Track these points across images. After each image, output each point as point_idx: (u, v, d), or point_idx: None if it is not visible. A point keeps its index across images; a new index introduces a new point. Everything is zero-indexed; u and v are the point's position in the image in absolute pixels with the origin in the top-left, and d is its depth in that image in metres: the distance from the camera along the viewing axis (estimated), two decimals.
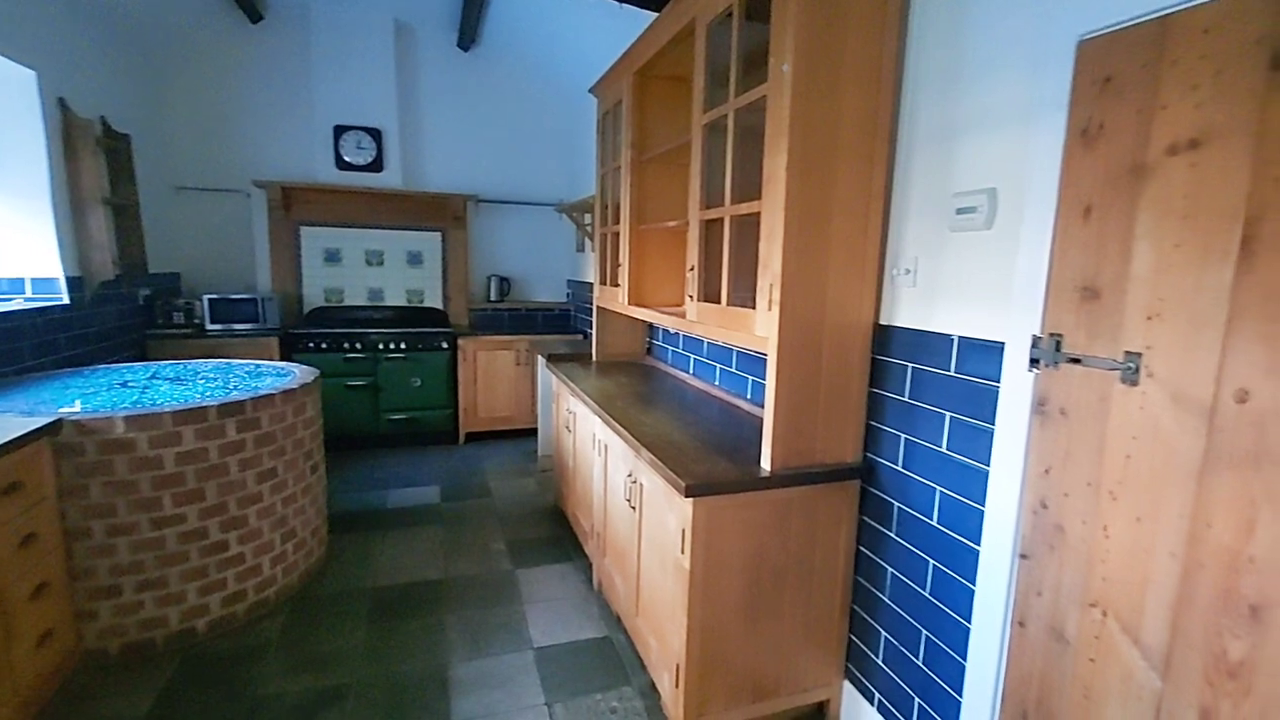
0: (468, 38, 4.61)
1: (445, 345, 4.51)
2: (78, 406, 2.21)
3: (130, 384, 2.66)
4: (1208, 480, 1.02)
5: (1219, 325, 1.00)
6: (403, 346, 4.43)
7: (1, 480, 1.75)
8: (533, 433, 4.58)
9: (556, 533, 3.22)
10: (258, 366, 3.08)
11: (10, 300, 3.02)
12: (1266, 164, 0.94)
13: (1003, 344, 1.37)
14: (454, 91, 4.87)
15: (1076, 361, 1.21)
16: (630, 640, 2.28)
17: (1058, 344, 1.25)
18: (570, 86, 4.73)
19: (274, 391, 2.47)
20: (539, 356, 3.94)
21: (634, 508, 2.09)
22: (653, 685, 2.06)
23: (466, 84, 4.89)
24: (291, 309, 4.62)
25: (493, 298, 5.07)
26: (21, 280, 3.10)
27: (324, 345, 4.29)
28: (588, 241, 4.68)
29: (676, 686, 1.76)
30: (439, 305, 4.99)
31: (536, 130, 5.08)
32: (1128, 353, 1.13)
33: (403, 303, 4.92)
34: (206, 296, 4.13)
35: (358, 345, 4.36)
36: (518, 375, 4.65)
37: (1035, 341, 1.29)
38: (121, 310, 3.74)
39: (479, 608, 2.54)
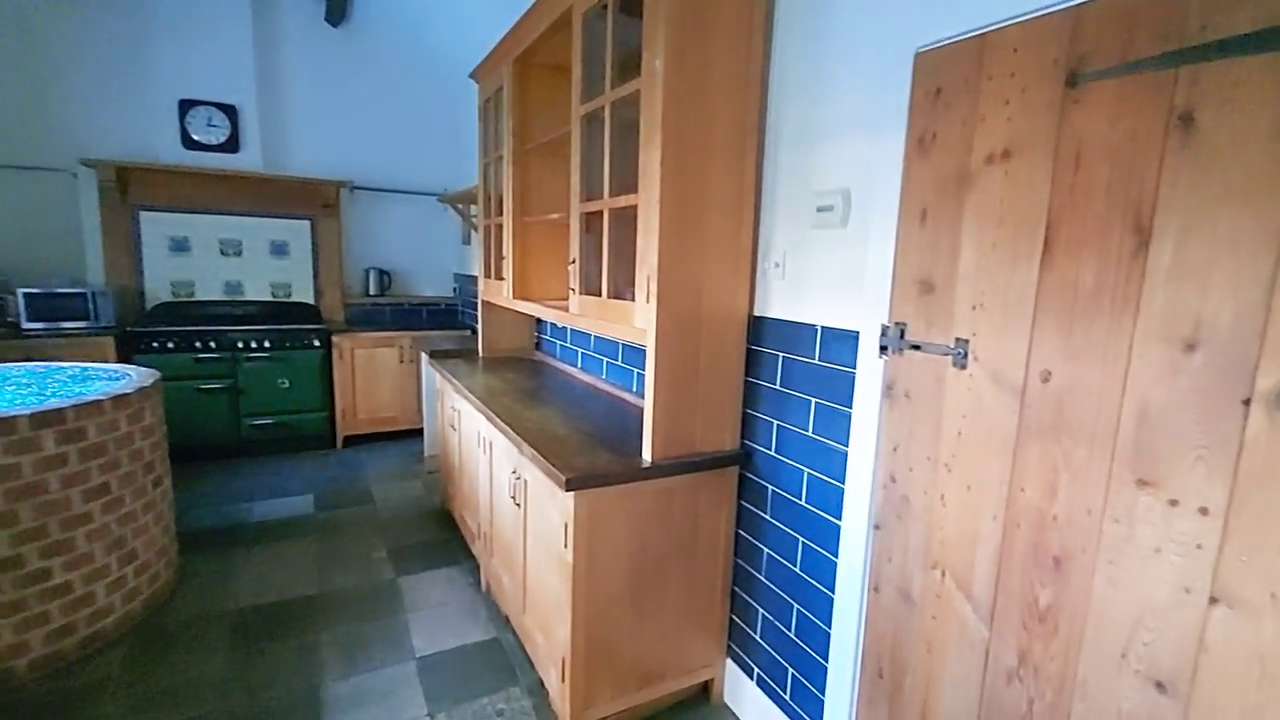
0: (336, 12, 4.30)
1: (318, 343, 4.20)
2: None
3: None
4: (1021, 450, 1.16)
5: (1027, 315, 1.14)
6: (267, 345, 4.07)
7: None
8: (419, 433, 4.38)
9: (443, 535, 3.11)
10: (85, 370, 2.72)
11: None
12: (1062, 174, 1.08)
13: (858, 333, 1.48)
14: (323, 69, 4.52)
15: (917, 348, 1.34)
16: (519, 639, 2.25)
17: (902, 332, 1.37)
18: (452, 70, 4.54)
19: (103, 398, 2.18)
20: (423, 353, 3.77)
21: (519, 504, 2.05)
22: (541, 683, 2.04)
23: (337, 62, 4.55)
24: (131, 304, 4.10)
25: (372, 292, 4.78)
26: None
27: (171, 345, 3.85)
28: (474, 233, 4.54)
29: (563, 681, 1.76)
30: (310, 300, 4.63)
31: (417, 115, 4.82)
32: (957, 339, 1.26)
33: (267, 297, 4.52)
34: (22, 291, 3.57)
35: (213, 344, 3.95)
36: (401, 373, 4.42)
37: (884, 330, 1.40)
38: None
39: (357, 621, 2.39)
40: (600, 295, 1.95)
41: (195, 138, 4.12)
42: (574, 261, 2.08)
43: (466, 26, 3.85)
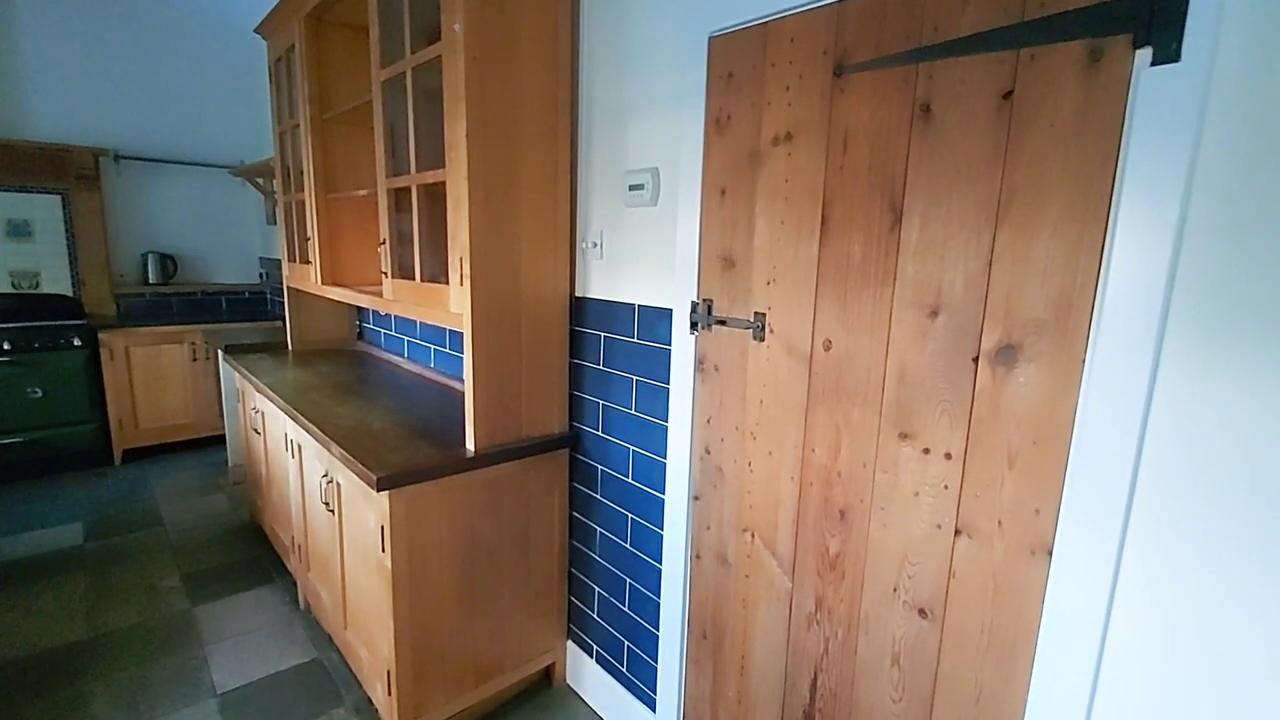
0: None
1: (79, 342, 3.50)
2: None
3: None
4: (811, 415, 1.25)
5: (811, 288, 1.22)
6: (8, 347, 3.33)
7: None
8: (221, 440, 3.85)
9: (253, 553, 2.77)
10: None
11: None
12: (834, 156, 1.17)
13: (671, 310, 1.51)
14: (71, 14, 3.72)
15: (723, 323, 1.39)
16: (343, 656, 2.06)
17: (709, 308, 1.42)
18: (241, 19, 3.97)
19: None
20: (219, 349, 3.30)
21: (332, 511, 1.87)
22: (369, 699, 1.90)
23: (92, 6, 3.77)
24: None
25: (152, 280, 4.08)
26: None
27: None
28: (279, 212, 4.04)
29: (390, 694, 1.64)
30: (66, 290, 3.84)
31: (200, 73, 4.14)
32: (756, 313, 1.32)
33: (5, 289, 3.68)
34: None
35: None
36: (194, 373, 3.84)
37: (694, 307, 1.44)
38: None
39: (140, 664, 2.06)
40: (414, 279, 1.81)
41: None
42: (384, 243, 1.91)
43: None
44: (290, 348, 3.01)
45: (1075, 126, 0.88)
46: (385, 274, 1.94)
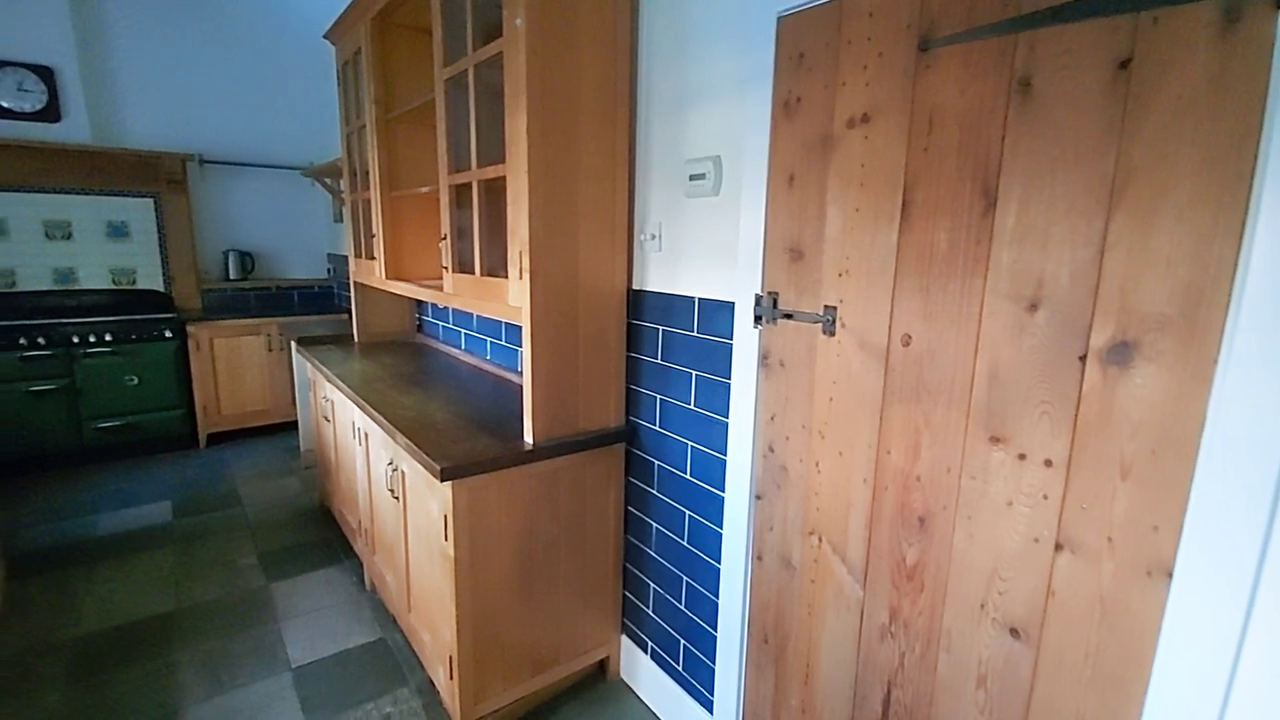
0: None
1: (169, 333, 3.74)
2: None
3: None
4: (886, 414, 1.17)
5: (889, 279, 1.14)
6: (109, 338, 3.58)
7: None
8: (294, 426, 4.04)
9: (323, 535, 2.88)
10: None
11: None
12: (917, 138, 1.08)
13: (733, 303, 1.45)
14: (161, 28, 3.94)
15: (789, 317, 1.33)
16: (406, 638, 2.12)
17: (774, 301, 1.35)
18: (309, 29, 4.13)
19: None
20: (292, 341, 3.45)
21: (397, 498, 1.91)
22: (431, 681, 1.94)
23: (178, 20, 3.98)
24: None
25: (233, 275, 4.31)
26: None
27: None
28: (345, 209, 4.19)
29: (451, 678, 1.67)
30: (159, 286, 4.11)
31: (275, 80, 4.33)
32: (826, 306, 1.25)
33: (106, 285, 3.96)
34: None
35: (41, 340, 3.42)
36: (270, 363, 4.04)
37: (758, 300, 1.38)
38: None
39: (222, 636, 2.17)
40: (474, 273, 1.82)
41: (4, 104, 3.51)
42: (445, 238, 1.93)
43: None
44: (355, 339, 3.11)
45: (1207, 98, 0.78)
46: (446, 268, 1.96)
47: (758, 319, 1.38)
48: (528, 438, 1.67)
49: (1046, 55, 0.92)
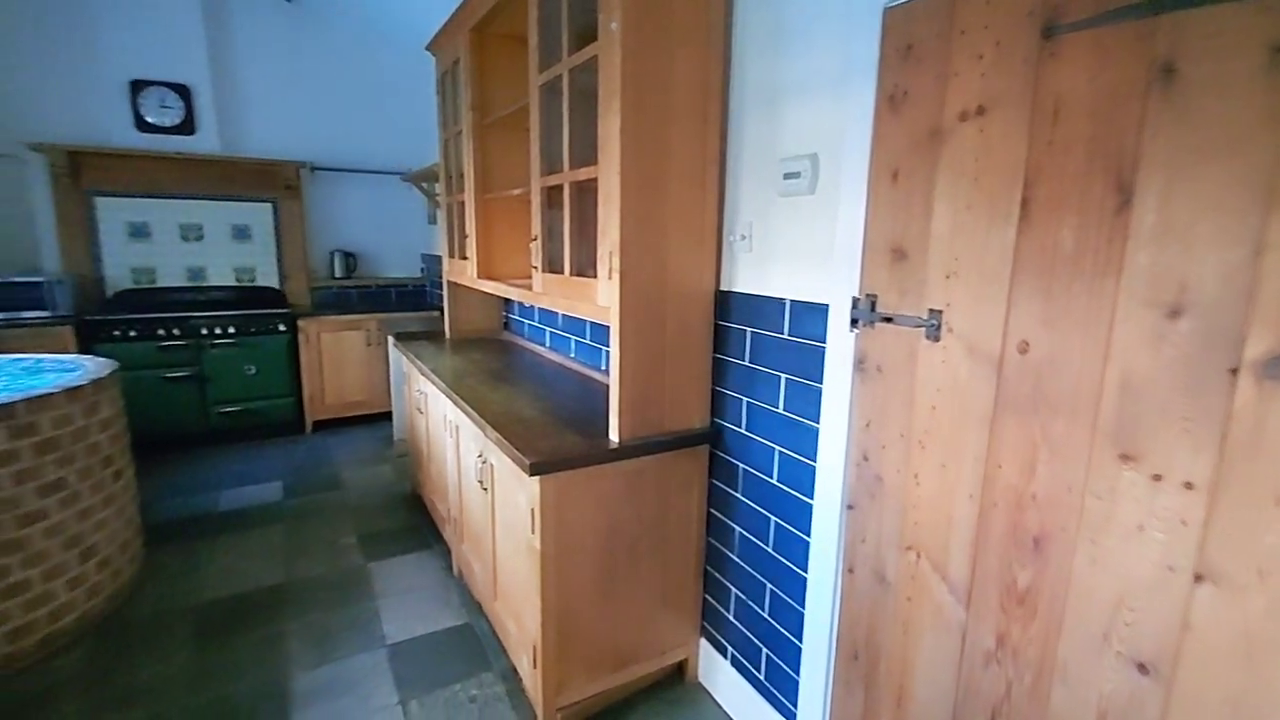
0: None
1: (283, 328, 4.06)
2: None
3: None
4: (998, 426, 1.10)
5: (1004, 282, 1.07)
6: (232, 331, 3.93)
7: None
8: (388, 417, 4.28)
9: (414, 520, 3.04)
10: (38, 361, 2.60)
11: None
12: (1040, 130, 1.01)
13: (827, 306, 1.41)
14: (279, 46, 4.30)
15: (889, 320, 1.27)
16: (491, 625, 2.19)
17: (873, 304, 1.30)
18: (411, 42, 4.34)
19: (54, 390, 2.08)
20: (389, 336, 3.66)
21: (486, 489, 1.98)
22: (514, 668, 2.00)
23: (294, 38, 4.33)
24: (90, 293, 3.93)
25: (338, 274, 4.62)
26: None
27: (133, 333, 3.70)
28: (439, 212, 4.39)
29: (535, 667, 1.71)
30: (274, 284, 4.47)
31: (378, 91, 4.62)
32: (931, 310, 1.19)
33: (230, 282, 4.36)
34: None
35: (176, 331, 3.81)
36: (369, 357, 4.30)
37: (855, 302, 1.33)
38: None
39: (325, 610, 2.33)
40: (563, 273, 1.86)
41: (149, 120, 3.92)
42: (536, 238, 1.98)
43: None
44: (447, 336, 3.26)
45: None
46: (536, 268, 2.02)
47: (854, 322, 1.34)
48: (613, 436, 1.69)
49: (1193, 39, 0.83)
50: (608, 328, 2.30)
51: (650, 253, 1.61)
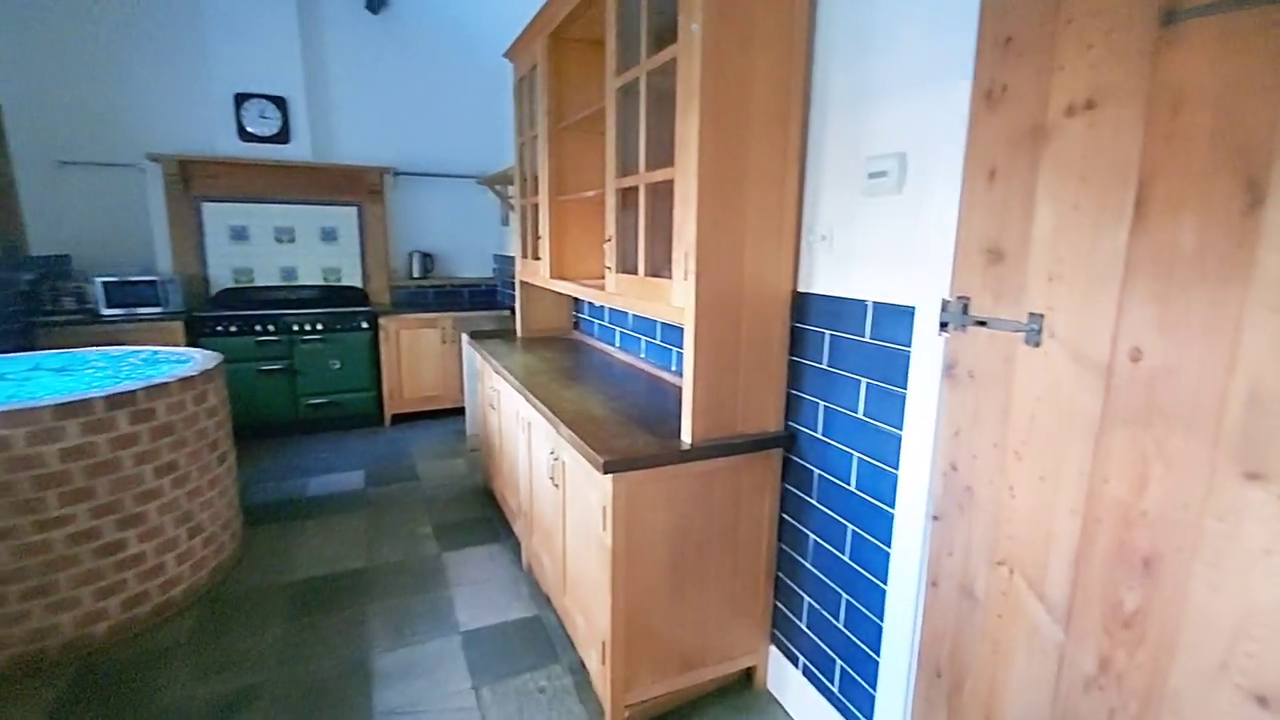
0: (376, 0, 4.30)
1: (366, 325, 4.29)
2: None
3: (6, 377, 2.39)
4: (1105, 438, 1.04)
5: (1114, 285, 1.01)
6: (320, 328, 4.18)
7: None
8: (461, 412, 4.44)
9: (485, 513, 3.14)
10: (155, 353, 2.84)
11: None
12: (1157, 124, 0.95)
13: (914, 308, 1.37)
14: (364, 58, 4.55)
15: (983, 324, 1.22)
16: (560, 619, 2.24)
17: (965, 307, 1.25)
18: (488, 51, 4.50)
19: (170, 379, 2.28)
20: (463, 334, 3.79)
21: (557, 486, 2.03)
22: (582, 662, 2.03)
23: (378, 50, 4.57)
24: (197, 291, 4.28)
25: (415, 274, 4.84)
26: None
27: (234, 329, 4.00)
28: (512, 214, 4.52)
29: (603, 663, 1.74)
30: (358, 283, 4.72)
31: (455, 99, 4.81)
32: (1031, 314, 1.13)
33: (319, 281, 4.63)
34: (100, 279, 3.75)
35: (270, 328, 4.08)
36: (443, 354, 4.48)
37: (944, 305, 1.29)
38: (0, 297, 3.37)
39: (404, 595, 2.44)
40: (637, 273, 1.88)
41: (250, 130, 4.23)
42: (610, 239, 2.01)
43: (502, 6, 3.78)
44: (518, 334, 3.35)
45: None
46: (609, 269, 2.04)
47: (944, 325, 1.29)
48: (685, 437, 1.69)
49: None
50: (679, 328, 2.33)
51: (726, 254, 1.61)
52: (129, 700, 1.89)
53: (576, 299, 3.39)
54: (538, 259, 2.85)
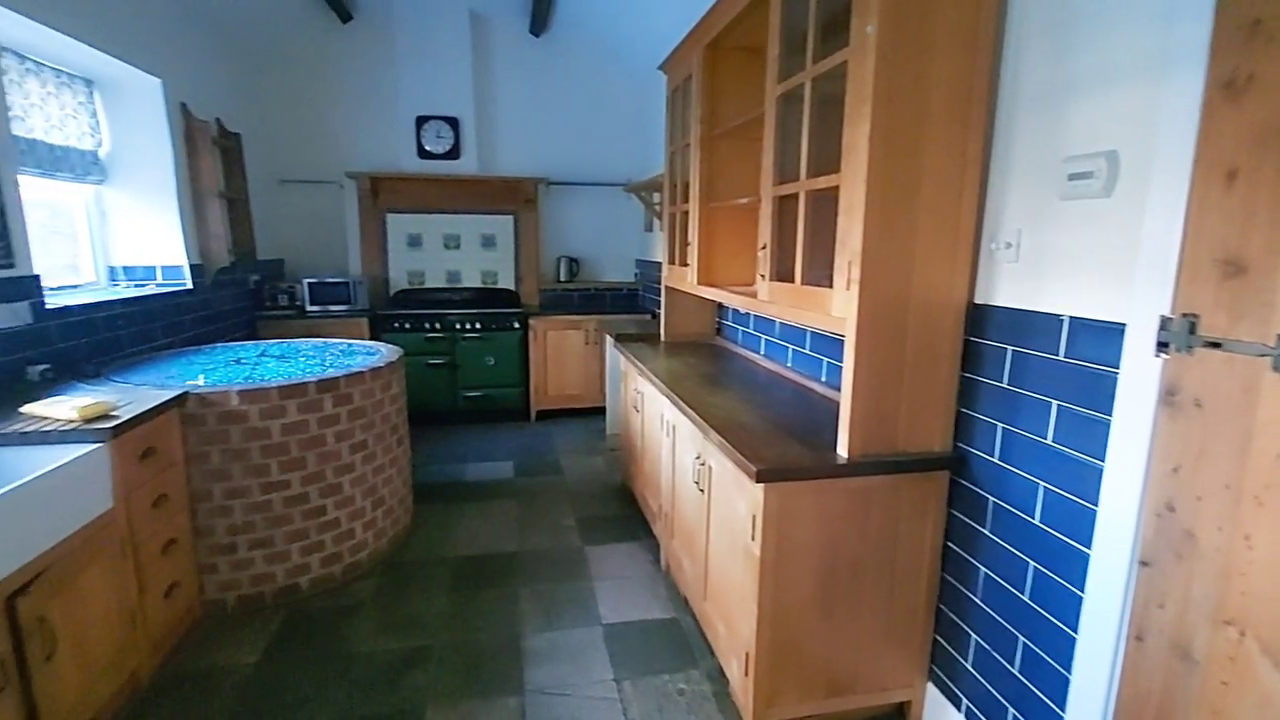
0: (539, 23, 4.61)
1: (517, 325, 4.61)
2: (201, 381, 2.40)
3: (242, 361, 2.86)
4: None
5: None
6: (478, 326, 4.56)
7: (140, 446, 1.95)
8: (601, 411, 4.61)
9: (625, 512, 3.24)
10: (350, 346, 3.25)
11: (145, 286, 3.36)
12: None
13: (1124, 325, 1.22)
14: (526, 77, 4.91)
15: (1215, 346, 1.06)
16: (698, 623, 2.26)
17: (1192, 326, 1.09)
18: (639, 65, 4.66)
19: (364, 369, 2.60)
20: (607, 336, 3.94)
21: (702, 490, 2.05)
22: (721, 670, 2.03)
23: (538, 69, 4.91)
24: (379, 291, 4.84)
25: (562, 278, 5.12)
26: (154, 268, 3.45)
27: (407, 325, 4.48)
28: (656, 221, 4.62)
29: (746, 674, 1.72)
30: (511, 286, 5.09)
31: (606, 111, 5.05)
32: None
33: (478, 284, 5.05)
34: (306, 280, 4.39)
35: (437, 325, 4.52)
36: (586, 354, 4.69)
37: (1164, 323, 1.14)
38: (235, 294, 4.10)
39: (550, 581, 2.59)
40: (793, 282, 1.85)
41: (427, 148, 4.72)
42: (765, 247, 2.00)
43: (655, 22, 3.89)
44: (661, 338, 3.42)
45: None
46: (763, 276, 2.03)
47: (1163, 346, 1.14)
48: (841, 450, 1.64)
49: None
50: (830, 338, 2.27)
51: (893, 263, 1.54)
52: (327, 645, 2.18)
53: (720, 305, 3.40)
54: (685, 265, 2.90)
